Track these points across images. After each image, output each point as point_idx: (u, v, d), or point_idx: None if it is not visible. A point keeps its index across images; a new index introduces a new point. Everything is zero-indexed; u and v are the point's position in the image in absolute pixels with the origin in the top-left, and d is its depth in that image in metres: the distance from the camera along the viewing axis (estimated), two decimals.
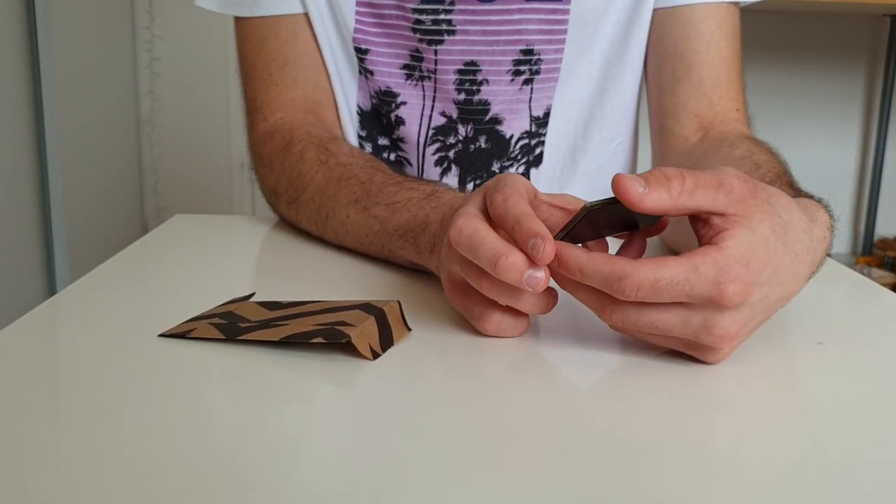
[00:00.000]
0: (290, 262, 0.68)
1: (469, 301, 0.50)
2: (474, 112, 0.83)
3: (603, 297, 0.44)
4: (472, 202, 0.50)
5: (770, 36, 2.93)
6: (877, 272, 2.79)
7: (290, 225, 0.78)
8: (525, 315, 0.50)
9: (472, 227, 0.47)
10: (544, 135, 0.85)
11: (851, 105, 3.09)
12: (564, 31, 0.80)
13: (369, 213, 0.65)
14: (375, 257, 0.66)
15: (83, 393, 0.41)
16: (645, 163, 0.88)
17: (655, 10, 0.80)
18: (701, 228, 0.44)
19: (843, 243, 3.11)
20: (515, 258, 0.44)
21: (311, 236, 0.75)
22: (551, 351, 0.49)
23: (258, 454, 0.35)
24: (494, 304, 0.49)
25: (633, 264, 0.42)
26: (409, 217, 0.61)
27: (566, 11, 0.79)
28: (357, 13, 0.79)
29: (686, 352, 0.46)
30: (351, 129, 0.85)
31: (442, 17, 0.78)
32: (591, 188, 0.88)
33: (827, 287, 0.65)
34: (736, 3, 0.80)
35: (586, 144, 0.86)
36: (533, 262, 0.44)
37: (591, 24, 0.80)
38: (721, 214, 0.43)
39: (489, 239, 0.45)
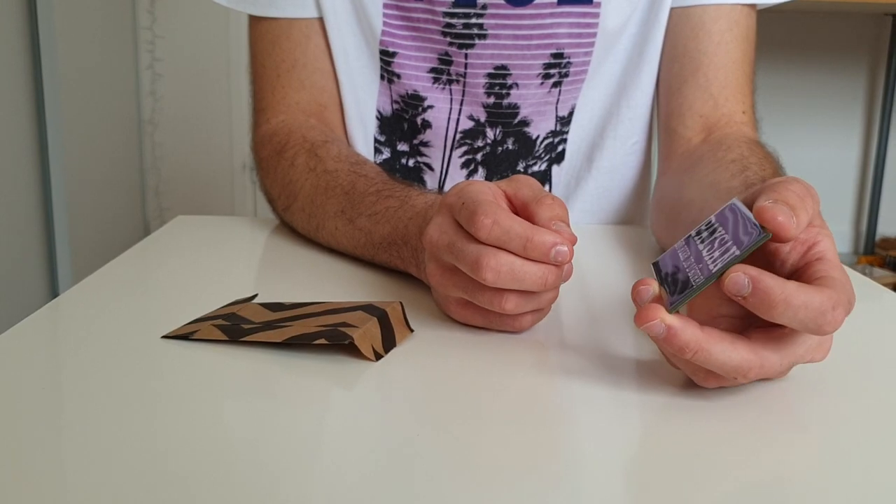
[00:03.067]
0: (293, 264, 0.68)
1: (490, 313, 0.50)
2: (503, 115, 0.82)
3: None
4: (443, 227, 0.50)
5: (772, 35, 2.93)
6: (879, 272, 2.78)
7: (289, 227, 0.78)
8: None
9: (506, 262, 0.47)
10: (567, 132, 0.85)
11: (853, 104, 3.08)
12: (594, 34, 0.79)
13: (354, 225, 0.65)
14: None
15: (87, 395, 0.41)
16: (657, 163, 0.88)
17: (671, 10, 0.80)
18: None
19: (845, 242, 3.11)
20: (556, 276, 0.48)
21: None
22: (557, 350, 0.49)
23: (261, 455, 0.36)
24: None
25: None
26: (390, 229, 0.61)
27: (596, 14, 0.78)
28: (384, 15, 0.79)
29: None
30: (361, 134, 0.84)
31: (473, 21, 0.77)
32: (606, 187, 0.87)
33: None
34: (752, 6, 0.80)
35: (603, 142, 0.86)
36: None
37: (618, 25, 0.80)
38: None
39: (527, 266, 0.47)
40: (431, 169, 0.86)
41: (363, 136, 0.85)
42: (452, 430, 0.39)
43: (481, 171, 0.85)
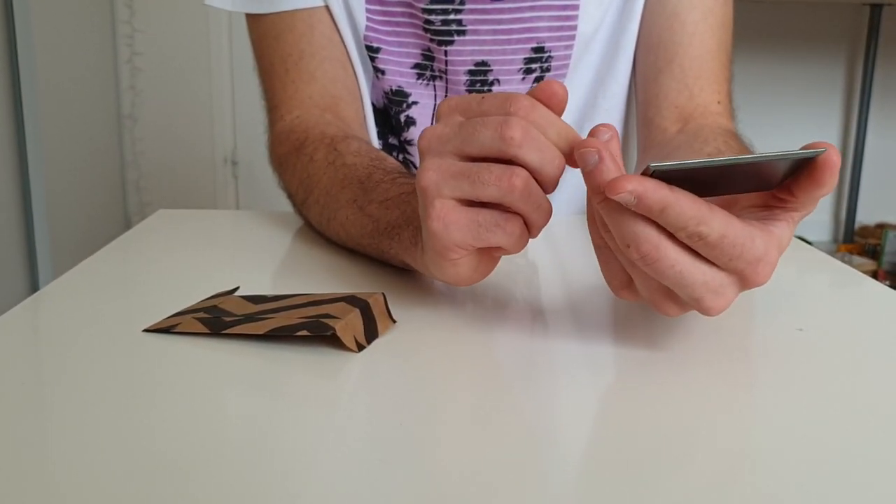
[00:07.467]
0: (275, 256, 0.68)
1: (480, 214, 0.46)
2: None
3: (651, 230, 0.40)
4: (441, 129, 0.47)
5: (751, 24, 2.94)
6: (858, 259, 2.81)
7: (284, 222, 0.78)
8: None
9: (530, 127, 0.44)
10: None
11: (832, 93, 3.11)
12: (574, 27, 0.79)
13: (364, 212, 0.63)
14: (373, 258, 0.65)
15: (68, 389, 0.41)
16: (635, 153, 0.88)
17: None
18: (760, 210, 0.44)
19: (824, 231, 3.13)
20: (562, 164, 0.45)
21: (295, 230, 0.75)
22: (539, 339, 0.49)
23: (244, 447, 0.36)
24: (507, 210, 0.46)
25: (711, 210, 0.40)
26: (399, 214, 0.59)
27: (576, 7, 0.78)
28: (367, 11, 0.78)
29: (672, 307, 0.44)
30: (372, 123, 0.84)
31: (452, 16, 0.77)
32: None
33: (807, 275, 0.66)
34: None
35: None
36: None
37: (596, 18, 0.80)
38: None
39: (547, 141, 0.45)
40: (416, 167, 0.85)
41: (372, 124, 0.84)
42: (436, 420, 0.39)
43: None
